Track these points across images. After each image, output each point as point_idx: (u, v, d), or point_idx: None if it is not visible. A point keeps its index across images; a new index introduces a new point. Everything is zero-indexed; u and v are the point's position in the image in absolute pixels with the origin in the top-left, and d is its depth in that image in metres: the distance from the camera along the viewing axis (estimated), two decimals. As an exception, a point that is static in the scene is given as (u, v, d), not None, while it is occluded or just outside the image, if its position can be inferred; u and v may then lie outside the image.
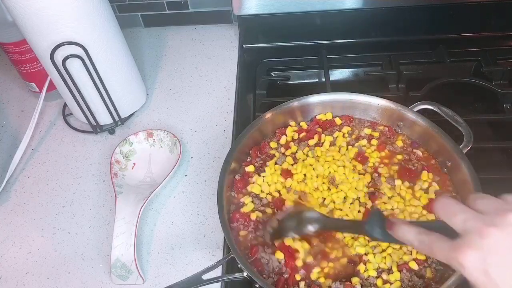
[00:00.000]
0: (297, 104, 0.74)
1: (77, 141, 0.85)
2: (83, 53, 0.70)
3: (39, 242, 0.71)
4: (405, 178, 0.67)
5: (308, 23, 0.94)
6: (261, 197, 0.66)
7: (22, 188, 0.79)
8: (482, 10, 0.91)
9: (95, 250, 0.69)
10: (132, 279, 0.64)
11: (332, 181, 0.67)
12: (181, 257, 0.68)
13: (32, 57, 0.83)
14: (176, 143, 0.78)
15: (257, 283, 0.55)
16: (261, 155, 0.72)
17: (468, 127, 0.67)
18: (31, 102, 0.93)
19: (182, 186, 0.76)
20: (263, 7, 0.91)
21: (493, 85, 0.83)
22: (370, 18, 0.93)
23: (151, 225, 0.72)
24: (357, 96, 0.73)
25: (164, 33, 1.05)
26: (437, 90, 0.83)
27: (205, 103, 0.89)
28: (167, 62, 0.99)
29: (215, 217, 0.70)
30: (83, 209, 0.75)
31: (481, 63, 0.88)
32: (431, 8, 0.91)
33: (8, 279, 0.67)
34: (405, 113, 0.71)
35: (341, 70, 0.93)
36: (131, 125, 0.86)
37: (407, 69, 0.87)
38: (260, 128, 0.72)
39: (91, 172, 0.80)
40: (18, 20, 0.67)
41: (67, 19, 0.66)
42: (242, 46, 0.98)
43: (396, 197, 0.65)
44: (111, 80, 0.77)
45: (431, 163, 0.69)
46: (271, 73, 0.93)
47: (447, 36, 0.94)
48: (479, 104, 0.84)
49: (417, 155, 0.70)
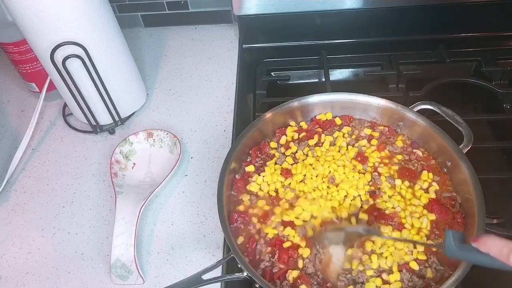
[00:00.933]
0: (297, 104, 0.74)
1: (77, 141, 0.85)
2: (83, 53, 0.70)
3: (39, 242, 0.71)
4: (405, 178, 0.67)
5: (308, 23, 0.94)
6: (258, 195, 0.67)
7: (22, 188, 0.79)
8: (482, 10, 0.91)
9: (95, 250, 0.69)
10: (132, 279, 0.64)
11: (332, 180, 0.67)
12: (181, 257, 0.68)
13: (32, 57, 0.83)
14: (176, 143, 0.78)
15: (257, 283, 0.55)
16: (261, 155, 0.72)
17: (468, 127, 0.67)
18: (31, 102, 0.93)
19: (182, 186, 0.76)
20: (263, 7, 0.91)
21: (493, 85, 0.83)
22: (370, 18, 0.93)
23: (151, 225, 0.72)
24: (357, 96, 0.73)
25: (164, 33, 1.05)
26: (437, 90, 0.83)
27: (205, 103, 0.89)
28: (167, 62, 0.99)
29: (215, 217, 0.70)
30: (83, 209, 0.75)
31: (481, 63, 0.88)
32: (431, 8, 0.91)
33: (8, 279, 0.67)
34: (405, 113, 0.71)
35: (341, 70, 0.93)
36: (131, 125, 0.86)
37: (407, 69, 0.87)
38: (260, 128, 0.72)
39: (91, 172, 0.80)
40: (18, 20, 0.67)
41: (67, 19, 0.66)
42: (242, 46, 0.99)
43: (396, 196, 0.65)
44: (111, 80, 0.77)
45: (431, 163, 0.69)
46: (271, 73, 0.93)
47: (447, 36, 0.94)
48: (479, 104, 0.85)
49: (417, 155, 0.70)
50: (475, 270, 0.54)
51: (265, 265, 0.60)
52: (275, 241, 0.61)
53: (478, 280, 0.58)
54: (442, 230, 0.61)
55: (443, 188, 0.66)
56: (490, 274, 0.61)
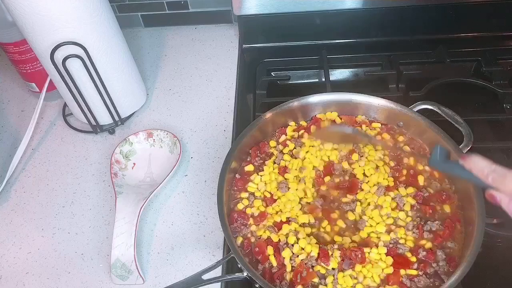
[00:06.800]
0: (297, 104, 0.74)
1: (77, 141, 0.85)
2: (83, 53, 0.70)
3: (39, 242, 0.71)
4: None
5: (308, 23, 0.94)
6: (256, 195, 0.67)
7: (22, 188, 0.79)
8: (482, 10, 0.91)
9: (95, 250, 0.69)
10: (132, 279, 0.64)
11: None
12: (181, 257, 0.68)
13: (32, 57, 0.83)
14: (176, 143, 0.78)
15: (257, 283, 0.55)
16: (260, 154, 0.72)
17: (468, 127, 0.67)
18: (31, 102, 0.93)
19: (182, 186, 0.76)
20: (263, 7, 0.91)
21: (493, 85, 0.83)
22: (370, 18, 0.93)
23: (151, 225, 0.72)
24: (357, 96, 0.73)
25: (164, 33, 1.05)
26: (437, 90, 0.83)
27: (205, 103, 0.89)
28: (167, 62, 0.99)
29: (215, 217, 0.70)
30: (83, 209, 0.75)
31: (481, 63, 0.88)
32: (431, 8, 0.91)
33: (8, 279, 0.67)
34: (405, 113, 0.71)
35: (341, 70, 0.93)
36: (131, 125, 0.86)
37: (407, 69, 0.87)
38: (260, 128, 0.72)
39: (91, 172, 0.80)
40: (18, 20, 0.67)
41: (67, 19, 0.66)
42: (242, 46, 0.99)
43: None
44: (111, 80, 0.77)
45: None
46: (271, 73, 0.93)
47: (447, 36, 0.94)
48: (479, 104, 0.84)
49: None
50: (476, 270, 0.54)
51: (265, 265, 0.60)
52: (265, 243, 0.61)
53: (478, 280, 0.58)
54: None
55: (442, 186, 0.66)
56: (490, 274, 0.62)
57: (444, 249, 0.59)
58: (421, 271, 0.58)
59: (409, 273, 0.58)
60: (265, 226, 0.63)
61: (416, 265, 0.58)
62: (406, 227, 0.61)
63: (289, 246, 0.60)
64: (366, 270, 0.58)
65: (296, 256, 0.59)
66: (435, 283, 0.57)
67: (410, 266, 0.58)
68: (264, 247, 0.60)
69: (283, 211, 0.64)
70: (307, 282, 0.57)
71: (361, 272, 0.58)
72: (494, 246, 0.63)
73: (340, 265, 0.58)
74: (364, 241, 0.61)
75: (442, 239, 0.60)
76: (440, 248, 0.59)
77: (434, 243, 0.60)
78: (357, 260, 0.58)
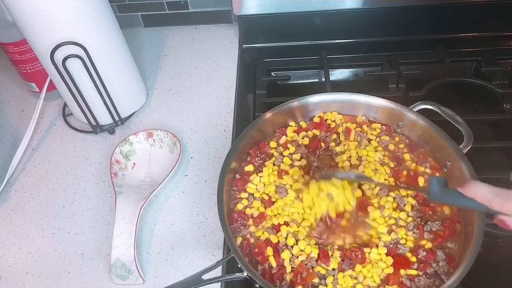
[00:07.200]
0: (297, 104, 0.74)
1: (77, 141, 0.85)
2: (83, 53, 0.70)
3: (39, 242, 0.71)
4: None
5: (308, 23, 0.94)
6: (255, 196, 0.67)
7: (22, 188, 0.79)
8: (482, 10, 0.91)
9: (95, 250, 0.69)
10: (132, 279, 0.64)
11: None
12: (181, 257, 0.68)
13: (32, 57, 0.83)
14: (176, 143, 0.78)
15: (257, 283, 0.55)
16: (260, 154, 0.72)
17: (468, 127, 0.67)
18: (31, 102, 0.93)
19: (182, 186, 0.76)
20: (263, 7, 0.91)
21: (493, 85, 0.83)
22: (370, 18, 0.93)
23: (151, 225, 0.72)
24: (357, 96, 0.73)
25: (164, 33, 1.05)
26: (437, 90, 0.83)
27: (205, 103, 0.89)
28: (167, 62, 0.99)
29: (215, 217, 0.70)
30: (83, 209, 0.75)
31: (481, 63, 0.88)
32: (431, 8, 0.91)
33: (8, 279, 0.67)
34: (405, 113, 0.71)
35: (341, 70, 0.93)
36: (131, 125, 0.86)
37: (407, 69, 0.87)
38: (260, 128, 0.72)
39: (91, 172, 0.80)
40: (18, 20, 0.67)
41: (67, 19, 0.66)
42: (242, 46, 0.98)
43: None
44: (111, 80, 0.77)
45: (431, 162, 0.69)
46: (271, 73, 0.93)
47: (447, 36, 0.94)
48: (479, 104, 0.84)
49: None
50: (476, 270, 0.54)
51: (264, 266, 0.60)
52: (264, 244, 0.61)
53: (478, 280, 0.58)
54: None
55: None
56: (490, 274, 0.62)
57: (444, 249, 0.59)
58: (421, 271, 0.58)
59: (409, 273, 0.58)
60: (264, 227, 0.63)
61: (416, 265, 0.58)
62: (406, 227, 0.61)
63: (288, 247, 0.60)
64: (366, 270, 0.58)
65: (296, 257, 0.59)
66: (435, 283, 0.57)
67: (410, 266, 0.58)
68: (263, 248, 0.60)
69: (282, 214, 0.64)
70: (307, 282, 0.57)
71: (361, 272, 0.58)
72: (494, 246, 0.63)
73: (340, 265, 0.58)
74: (364, 241, 0.61)
75: (442, 239, 0.60)
76: (440, 248, 0.59)
77: (434, 243, 0.60)
78: (357, 260, 0.58)
